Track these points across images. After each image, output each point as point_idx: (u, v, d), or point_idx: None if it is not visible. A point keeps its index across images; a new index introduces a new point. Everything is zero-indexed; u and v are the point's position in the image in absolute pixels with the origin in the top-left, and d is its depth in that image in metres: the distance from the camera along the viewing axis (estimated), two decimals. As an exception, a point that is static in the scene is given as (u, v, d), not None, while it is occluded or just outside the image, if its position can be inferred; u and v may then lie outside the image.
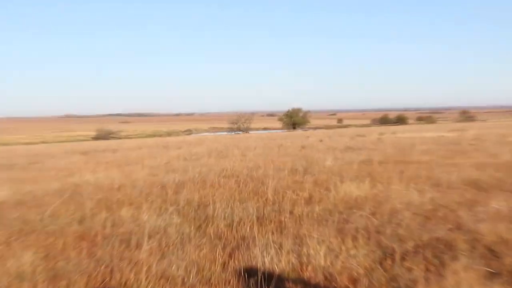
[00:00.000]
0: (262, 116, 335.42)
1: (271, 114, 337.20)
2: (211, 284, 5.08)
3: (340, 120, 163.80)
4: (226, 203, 8.57)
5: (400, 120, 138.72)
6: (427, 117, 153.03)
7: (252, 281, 5.04)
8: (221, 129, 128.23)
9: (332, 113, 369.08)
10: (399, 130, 47.79)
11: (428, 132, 39.10)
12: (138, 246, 6.27)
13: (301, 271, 5.28)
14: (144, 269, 5.42)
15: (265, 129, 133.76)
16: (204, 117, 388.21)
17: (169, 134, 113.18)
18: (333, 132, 53.38)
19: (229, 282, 5.09)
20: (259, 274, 5.12)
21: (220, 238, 6.57)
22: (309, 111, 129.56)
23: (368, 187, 9.51)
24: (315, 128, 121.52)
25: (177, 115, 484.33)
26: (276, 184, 10.34)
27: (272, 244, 6.06)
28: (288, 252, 5.76)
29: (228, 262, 5.61)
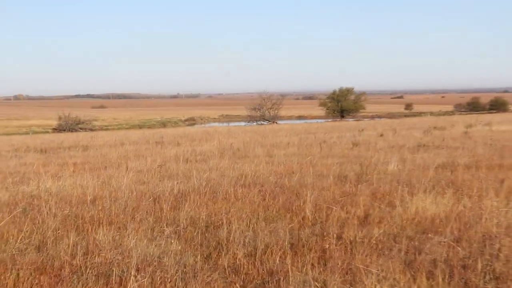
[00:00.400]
0: (297, 99, 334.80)
1: (309, 97, 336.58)
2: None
3: (408, 106, 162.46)
4: (246, 223, 8.62)
5: (497, 105, 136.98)
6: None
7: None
8: (237, 118, 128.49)
9: (397, 96, 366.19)
10: (496, 120, 47.24)
11: (539, 123, 38.52)
12: (122, 283, 6.36)
13: (354, 321, 5.30)
14: (131, 314, 5.49)
15: (300, 117, 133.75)
16: (213, 100, 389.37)
17: (163, 124, 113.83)
18: (399, 123, 53.07)
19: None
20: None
21: (238, 273, 6.62)
22: (364, 93, 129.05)
23: (450, 202, 9.45)
24: (373, 117, 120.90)
25: (175, 97, 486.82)
26: (317, 196, 10.35)
27: (312, 281, 6.08)
28: (335, 294, 5.78)
29: (250, 307, 5.65)
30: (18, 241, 8.08)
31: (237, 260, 6.97)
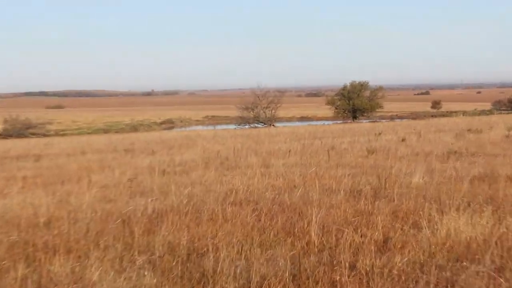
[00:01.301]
0: (299, 96, 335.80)
1: (313, 94, 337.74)
2: None
3: (436, 104, 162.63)
4: (238, 249, 8.58)
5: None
6: None
7: None
8: (225, 120, 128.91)
9: (422, 91, 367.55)
10: (544, 121, 47.35)
11: None
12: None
13: None
14: None
15: (303, 119, 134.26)
16: (195, 98, 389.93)
17: (134, 128, 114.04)
18: (425, 125, 53.17)
19: None
20: None
21: (227, 312, 6.58)
22: (381, 88, 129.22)
23: (489, 223, 9.42)
24: (392, 118, 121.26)
25: (149, 94, 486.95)
26: (324, 216, 10.32)
27: (319, 323, 6.05)
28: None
29: None
30: (-46, 274, 8.03)
31: (227, 297, 6.94)
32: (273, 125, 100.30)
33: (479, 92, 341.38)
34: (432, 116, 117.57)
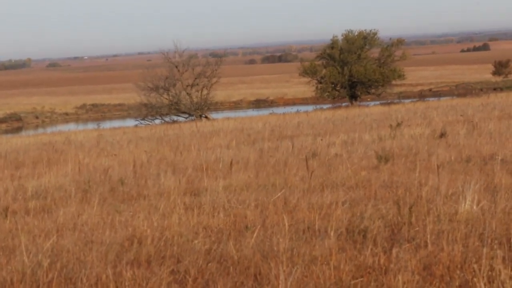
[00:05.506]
0: (251, 62, 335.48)
1: (277, 57, 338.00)
2: None
3: (502, 67, 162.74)
4: None
5: None
6: None
7: None
8: (117, 111, 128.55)
9: (475, 45, 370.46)
10: None
11: None
12: None
13: None
14: None
15: (259, 104, 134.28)
16: (60, 73, 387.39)
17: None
18: (481, 106, 53.52)
19: None
20: None
21: None
22: (401, 41, 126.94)
23: None
24: (422, 95, 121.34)
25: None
26: (301, 279, 10.42)
27: None
28: None
29: None
30: None
31: None
32: (206, 116, 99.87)
33: None
34: (495, 89, 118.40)
